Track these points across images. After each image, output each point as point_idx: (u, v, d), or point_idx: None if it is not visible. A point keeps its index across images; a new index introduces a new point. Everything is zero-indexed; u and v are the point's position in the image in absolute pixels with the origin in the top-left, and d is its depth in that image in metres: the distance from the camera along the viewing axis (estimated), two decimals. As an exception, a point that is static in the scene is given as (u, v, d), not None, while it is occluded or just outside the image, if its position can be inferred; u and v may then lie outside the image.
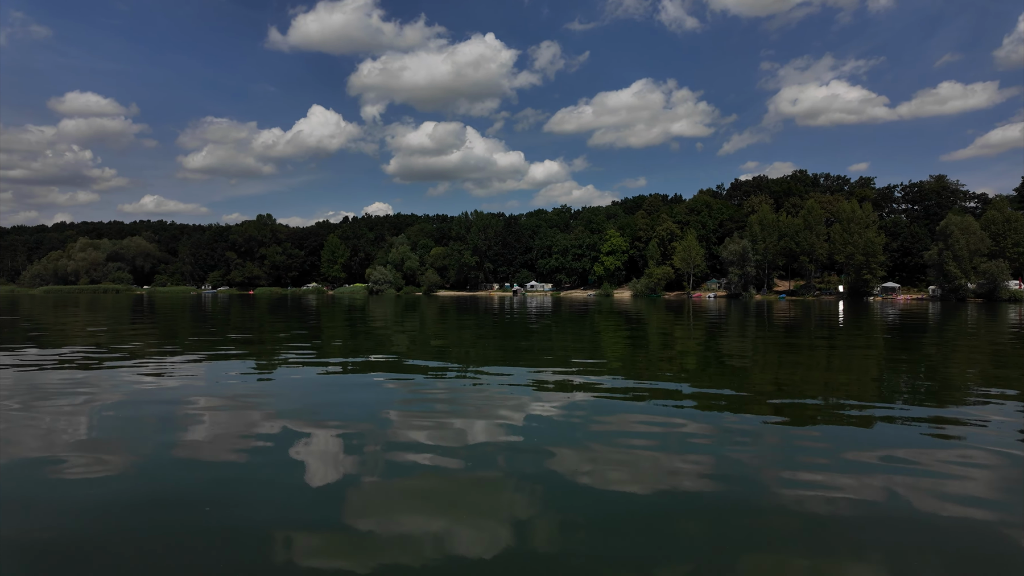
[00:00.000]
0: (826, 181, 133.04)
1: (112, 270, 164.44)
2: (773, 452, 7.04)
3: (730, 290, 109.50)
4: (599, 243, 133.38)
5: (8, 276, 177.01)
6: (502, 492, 5.68)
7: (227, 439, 7.44)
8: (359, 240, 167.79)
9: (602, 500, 5.45)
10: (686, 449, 7.10)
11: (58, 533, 4.76)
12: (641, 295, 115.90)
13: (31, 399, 9.91)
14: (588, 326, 29.76)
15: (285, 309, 49.35)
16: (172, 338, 22.05)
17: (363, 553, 4.42)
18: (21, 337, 21.78)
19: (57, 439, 7.44)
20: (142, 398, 10.17)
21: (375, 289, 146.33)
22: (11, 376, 12.43)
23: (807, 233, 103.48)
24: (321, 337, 22.99)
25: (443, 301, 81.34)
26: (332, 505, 5.30)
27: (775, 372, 13.82)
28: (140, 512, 5.15)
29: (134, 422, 8.34)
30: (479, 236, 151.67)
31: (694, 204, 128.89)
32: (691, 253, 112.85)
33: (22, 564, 4.30)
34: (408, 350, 18.34)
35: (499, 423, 8.36)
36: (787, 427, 8.24)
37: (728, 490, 5.73)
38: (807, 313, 45.86)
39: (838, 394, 10.81)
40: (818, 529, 4.88)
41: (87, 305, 58.54)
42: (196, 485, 5.81)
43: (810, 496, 5.56)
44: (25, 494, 5.56)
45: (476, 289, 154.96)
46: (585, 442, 7.34)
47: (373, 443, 7.26)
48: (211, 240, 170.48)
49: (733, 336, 24.04)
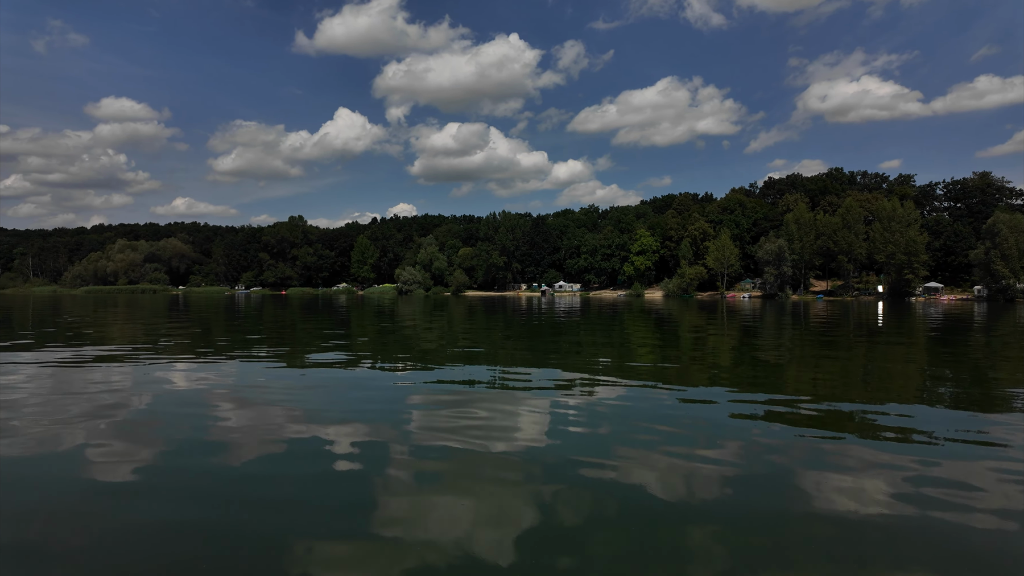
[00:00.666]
0: (863, 179, 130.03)
1: (149, 271, 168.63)
2: (804, 458, 6.78)
3: (765, 290, 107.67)
4: (629, 243, 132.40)
5: (50, 276, 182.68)
6: (523, 493, 5.61)
7: (254, 434, 7.57)
8: (388, 241, 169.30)
9: (624, 504, 5.33)
10: (715, 453, 6.91)
11: (75, 527, 4.84)
12: (673, 295, 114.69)
13: (75, 393, 10.27)
14: (620, 327, 29.15)
15: (319, 309, 49.90)
16: (218, 335, 22.69)
17: (381, 550, 4.43)
18: (80, 335, 22.37)
19: (92, 431, 7.74)
20: (182, 393, 10.56)
21: (404, 289, 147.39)
22: (59, 371, 12.88)
23: (846, 232, 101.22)
24: (353, 336, 23.25)
25: (471, 301, 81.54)
26: (355, 503, 5.30)
27: (813, 374, 13.28)
28: (163, 507, 5.22)
29: (168, 417, 8.63)
30: (507, 236, 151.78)
31: (727, 203, 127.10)
32: (725, 253, 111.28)
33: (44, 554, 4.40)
34: (437, 349, 18.32)
35: (523, 424, 8.23)
36: (821, 432, 7.88)
37: (754, 497, 5.55)
38: (847, 314, 44.78)
39: (878, 398, 10.36)
40: (851, 540, 4.68)
41: (130, 305, 60.20)
42: (220, 481, 5.87)
43: (842, 505, 5.36)
44: (50, 491, 5.65)
45: (504, 289, 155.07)
46: (609, 445, 7.19)
47: (397, 441, 7.25)
48: (244, 241, 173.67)
49: (771, 338, 23.12)
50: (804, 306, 64.99)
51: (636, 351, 18.35)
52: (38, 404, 9.40)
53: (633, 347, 19.51)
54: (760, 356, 16.75)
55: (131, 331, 24.44)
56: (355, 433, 7.72)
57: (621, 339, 22.37)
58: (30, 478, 5.98)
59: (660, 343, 20.80)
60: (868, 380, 12.64)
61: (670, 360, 15.72)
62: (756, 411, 9.27)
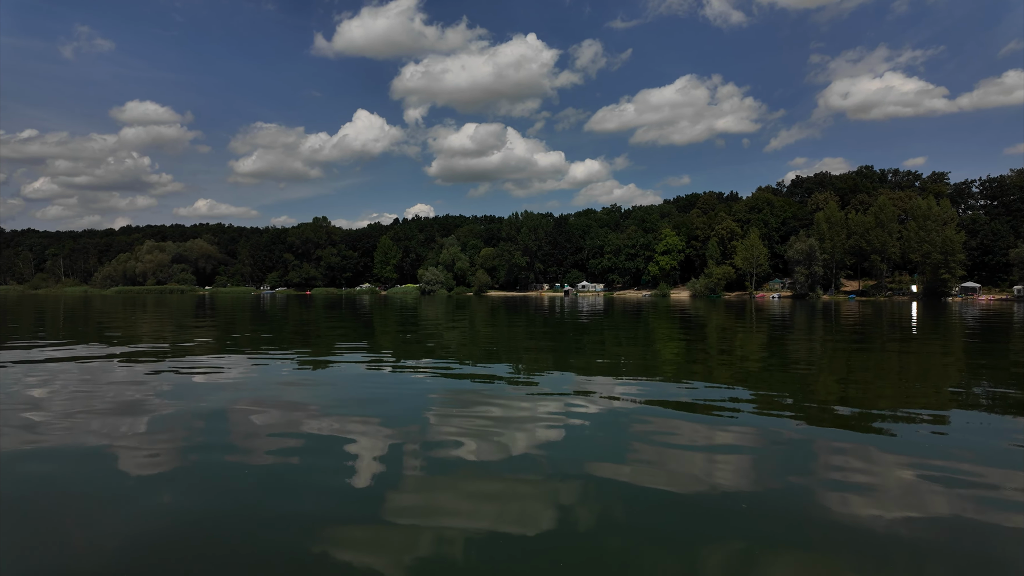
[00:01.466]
0: (894, 177, 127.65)
1: (177, 271, 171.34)
2: (825, 464, 6.50)
3: (795, 290, 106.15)
4: (653, 242, 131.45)
5: (81, 277, 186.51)
6: (538, 493, 5.57)
7: (274, 431, 7.71)
8: (410, 241, 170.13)
9: (639, 505, 5.25)
10: (735, 459, 6.67)
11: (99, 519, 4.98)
12: (701, 295, 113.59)
13: (115, 389, 10.59)
14: (649, 328, 28.44)
15: (345, 309, 50.01)
16: (253, 334, 22.99)
17: (400, 547, 4.46)
18: (130, 335, 22.68)
19: (121, 425, 8.00)
20: (213, 388, 10.90)
21: (427, 289, 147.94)
22: (100, 367, 13.10)
23: (879, 231, 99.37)
24: (384, 335, 23.31)
25: (494, 301, 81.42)
26: (373, 499, 5.36)
27: (857, 376, 12.76)
28: (183, 501, 5.33)
29: (192, 413, 8.82)
30: (529, 236, 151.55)
31: (754, 202, 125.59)
32: (754, 252, 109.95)
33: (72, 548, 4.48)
34: (459, 348, 18.29)
35: (541, 425, 8.14)
36: (849, 438, 7.49)
37: (774, 502, 5.36)
38: (883, 314, 43.54)
39: (918, 402, 9.92)
40: (873, 549, 4.48)
41: (162, 304, 61.05)
42: (240, 476, 5.97)
43: (867, 513, 5.12)
44: (76, 485, 5.79)
45: (526, 289, 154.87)
46: (627, 446, 7.10)
47: (415, 440, 7.28)
48: (269, 242, 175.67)
49: (809, 340, 22.09)
50: (836, 306, 63.77)
51: (667, 353, 17.83)
52: (67, 399, 9.81)
53: (664, 349, 18.93)
54: (800, 360, 15.96)
55: (173, 331, 24.88)
56: (370, 430, 7.80)
57: (651, 340, 21.79)
58: (61, 470, 6.15)
59: (694, 345, 20.04)
60: (908, 383, 12.20)
61: (709, 365, 15.01)
62: (782, 411, 9.09)
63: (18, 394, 10.16)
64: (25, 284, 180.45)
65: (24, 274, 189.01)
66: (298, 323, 30.94)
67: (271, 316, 39.09)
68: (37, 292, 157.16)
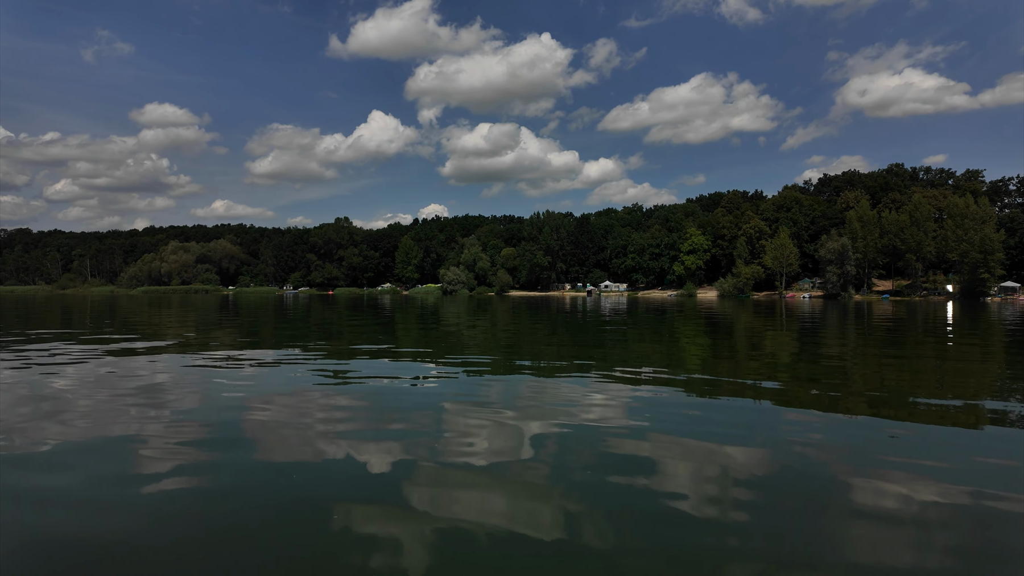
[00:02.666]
0: (926, 175, 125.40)
1: (201, 272, 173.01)
2: (856, 472, 6.16)
3: (826, 290, 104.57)
4: (678, 242, 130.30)
5: (107, 277, 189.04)
6: (552, 494, 5.51)
7: (294, 427, 7.80)
8: (430, 241, 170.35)
9: (655, 506, 5.19)
10: (761, 464, 6.38)
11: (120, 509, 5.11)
12: (729, 295, 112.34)
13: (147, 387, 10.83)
14: (681, 328, 27.59)
15: (372, 310, 49.81)
16: (286, 333, 22.94)
17: (411, 546, 4.45)
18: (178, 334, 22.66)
19: (147, 419, 8.21)
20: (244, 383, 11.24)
21: (449, 289, 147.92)
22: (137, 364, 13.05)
23: (914, 230, 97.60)
24: (419, 335, 23.27)
25: (516, 301, 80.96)
26: (388, 494, 5.40)
27: (917, 385, 12.02)
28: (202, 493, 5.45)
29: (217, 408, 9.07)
30: (551, 236, 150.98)
31: (781, 201, 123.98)
32: (784, 251, 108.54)
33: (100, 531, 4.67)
34: (484, 348, 18.14)
35: (557, 426, 8.00)
36: (886, 452, 6.96)
37: (793, 508, 5.22)
38: (920, 315, 42.24)
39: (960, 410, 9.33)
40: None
41: (190, 304, 61.48)
42: (259, 471, 6.05)
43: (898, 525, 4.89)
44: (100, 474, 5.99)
45: (548, 289, 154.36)
46: (645, 448, 6.97)
47: (428, 440, 7.25)
48: (292, 243, 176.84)
49: (845, 342, 20.99)
50: (868, 306, 62.47)
51: (702, 355, 17.06)
52: (92, 393, 10.28)
53: (700, 352, 18.08)
54: (852, 367, 14.82)
55: (210, 329, 25.25)
56: (388, 428, 7.86)
57: (685, 342, 21.02)
58: (86, 463, 6.34)
59: (732, 349, 18.96)
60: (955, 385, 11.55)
61: (752, 369, 14.11)
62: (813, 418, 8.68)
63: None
64: (53, 284, 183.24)
65: (52, 274, 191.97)
66: (324, 323, 30.91)
67: (296, 316, 39.19)
68: (65, 292, 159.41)
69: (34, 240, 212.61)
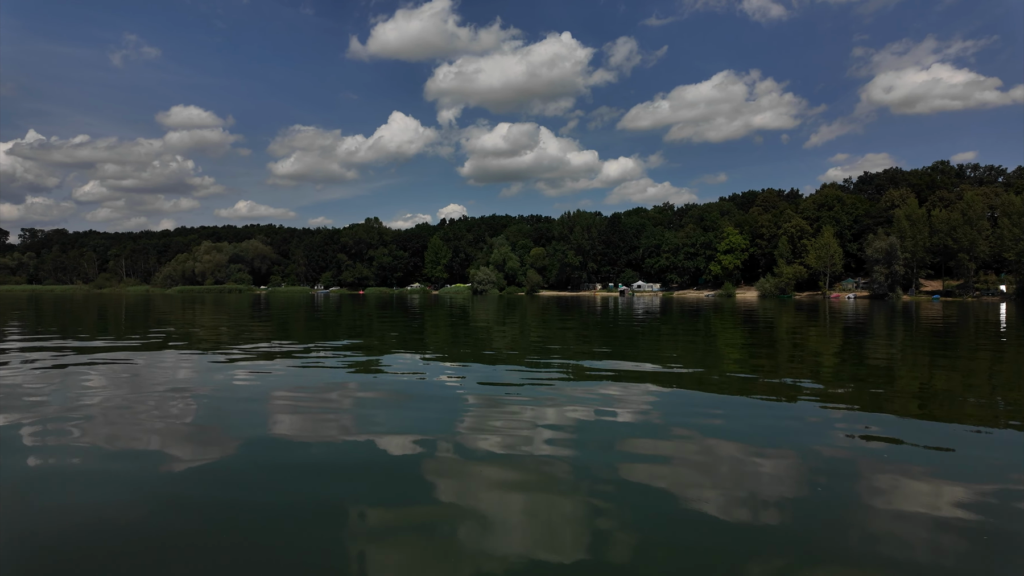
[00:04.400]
0: (974, 172, 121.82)
1: (234, 271, 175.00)
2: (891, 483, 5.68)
3: (873, 290, 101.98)
4: (715, 241, 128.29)
5: (141, 277, 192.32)
6: (572, 497, 5.29)
7: (314, 423, 7.74)
8: (459, 241, 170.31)
9: (679, 512, 4.95)
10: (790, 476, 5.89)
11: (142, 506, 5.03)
12: (770, 295, 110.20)
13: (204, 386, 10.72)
14: (735, 332, 25.00)
15: (413, 309, 49.12)
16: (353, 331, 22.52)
17: (435, 543, 4.36)
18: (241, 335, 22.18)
19: (172, 419, 8.08)
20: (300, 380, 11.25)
21: (479, 289, 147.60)
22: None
23: (967, 228, 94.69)
24: (448, 334, 22.84)
25: (547, 301, 79.76)
26: (406, 492, 5.31)
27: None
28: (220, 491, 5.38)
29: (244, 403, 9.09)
30: (583, 235, 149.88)
31: (823, 199, 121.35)
32: (828, 251, 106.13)
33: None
34: (518, 348, 17.57)
35: (579, 430, 7.60)
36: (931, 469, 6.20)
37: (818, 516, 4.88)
38: (975, 316, 39.82)
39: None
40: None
41: (227, 304, 61.42)
42: (279, 468, 5.97)
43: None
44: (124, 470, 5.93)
45: (578, 289, 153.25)
46: (667, 451, 6.68)
47: (448, 439, 7.09)
48: (322, 243, 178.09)
49: (907, 345, 19.42)
50: (919, 307, 60.33)
51: (756, 362, 15.07)
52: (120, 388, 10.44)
53: (755, 358, 15.91)
54: (905, 367, 13.69)
55: (256, 327, 25.14)
56: (410, 427, 7.70)
57: (746, 350, 18.51)
58: (112, 456, 6.37)
59: (790, 354, 17.13)
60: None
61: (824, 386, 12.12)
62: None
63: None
64: (90, 283, 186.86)
65: (89, 274, 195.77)
66: (361, 322, 30.59)
67: (329, 315, 38.83)
68: (102, 291, 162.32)
69: (71, 240, 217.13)
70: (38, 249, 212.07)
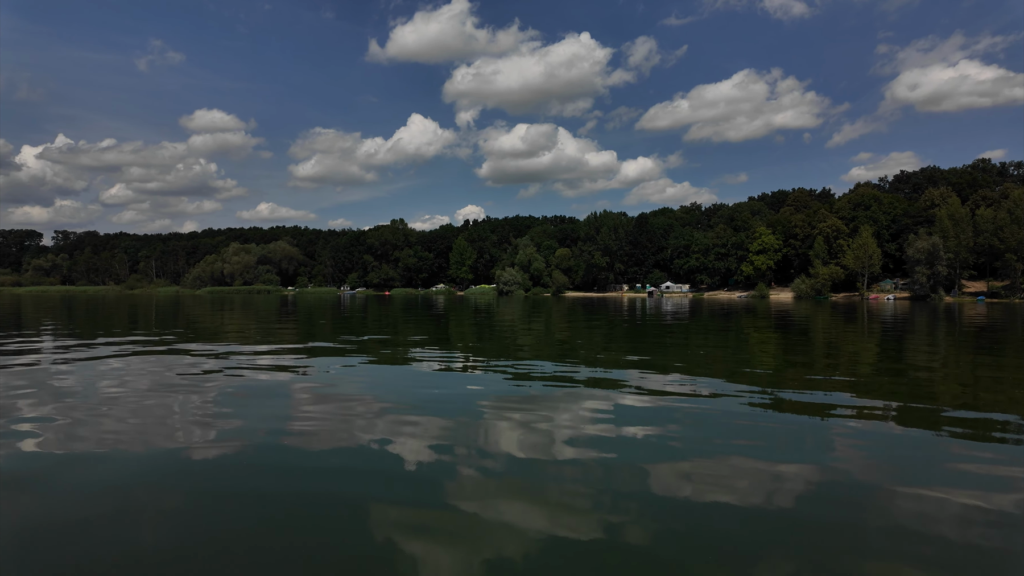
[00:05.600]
0: (1016, 170, 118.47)
1: (262, 272, 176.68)
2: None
3: (913, 291, 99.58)
4: (746, 241, 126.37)
5: (171, 278, 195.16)
6: (590, 500, 5.28)
7: (334, 424, 7.80)
8: (483, 242, 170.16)
9: (698, 517, 4.90)
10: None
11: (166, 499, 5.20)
12: (805, 296, 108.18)
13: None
14: (779, 336, 23.65)
15: (440, 310, 48.76)
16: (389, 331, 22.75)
17: (453, 547, 4.36)
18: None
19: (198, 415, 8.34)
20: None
21: (504, 290, 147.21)
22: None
23: (1015, 228, 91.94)
24: (481, 336, 22.63)
25: (574, 302, 78.51)
26: (421, 494, 5.27)
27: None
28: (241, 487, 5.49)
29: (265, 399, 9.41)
30: (609, 236, 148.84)
31: (859, 198, 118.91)
32: (867, 251, 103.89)
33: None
34: (546, 350, 17.27)
35: (601, 433, 7.50)
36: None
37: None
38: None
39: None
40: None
41: (257, 304, 61.76)
42: (299, 467, 6.04)
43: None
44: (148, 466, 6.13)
45: (604, 290, 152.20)
46: (690, 454, 6.64)
47: (469, 441, 7.06)
48: (348, 244, 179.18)
49: (961, 350, 18.39)
50: (960, 309, 58.20)
51: (812, 369, 13.99)
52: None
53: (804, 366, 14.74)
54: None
55: (306, 328, 25.08)
56: (432, 426, 7.78)
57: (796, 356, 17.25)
58: (135, 449, 6.66)
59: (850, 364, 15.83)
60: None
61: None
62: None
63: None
64: (122, 284, 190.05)
65: (120, 275, 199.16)
66: (393, 323, 30.52)
67: (355, 315, 38.75)
68: (133, 292, 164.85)
69: (102, 242, 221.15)
70: (71, 251, 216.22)
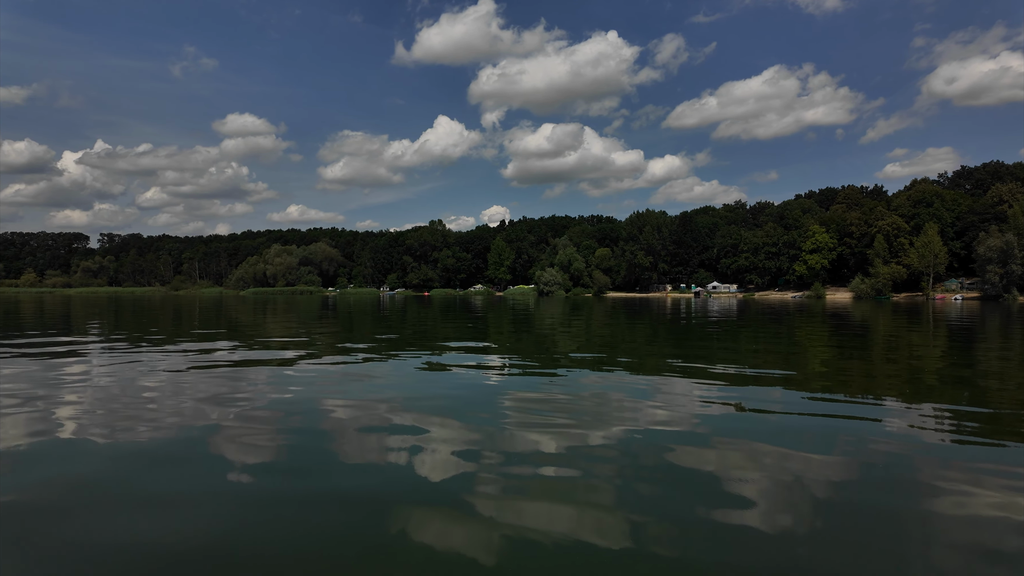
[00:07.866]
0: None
1: (304, 273, 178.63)
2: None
3: (984, 291, 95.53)
4: (799, 240, 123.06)
5: (213, 279, 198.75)
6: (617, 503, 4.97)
7: (359, 424, 7.52)
8: (521, 243, 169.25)
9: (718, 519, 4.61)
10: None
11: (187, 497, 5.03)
12: (865, 297, 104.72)
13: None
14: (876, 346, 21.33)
15: (481, 311, 46.88)
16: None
17: (473, 547, 4.28)
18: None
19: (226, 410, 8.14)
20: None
21: (545, 290, 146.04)
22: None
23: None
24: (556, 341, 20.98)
25: (618, 302, 75.95)
26: (446, 494, 5.19)
27: None
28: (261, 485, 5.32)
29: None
30: (652, 235, 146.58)
31: (919, 195, 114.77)
32: (932, 249, 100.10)
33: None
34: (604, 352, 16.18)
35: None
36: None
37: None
38: None
39: None
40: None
41: (300, 305, 60.84)
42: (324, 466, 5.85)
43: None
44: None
45: (647, 290, 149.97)
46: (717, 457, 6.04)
47: (494, 442, 6.74)
48: (387, 245, 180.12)
49: None
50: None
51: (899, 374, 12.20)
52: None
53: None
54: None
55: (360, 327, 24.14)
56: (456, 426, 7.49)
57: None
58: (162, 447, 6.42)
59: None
60: None
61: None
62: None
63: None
64: (167, 286, 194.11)
65: (165, 276, 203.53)
66: (439, 323, 29.79)
67: (394, 316, 37.66)
68: (178, 293, 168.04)
69: (146, 244, 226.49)
70: (116, 253, 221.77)
